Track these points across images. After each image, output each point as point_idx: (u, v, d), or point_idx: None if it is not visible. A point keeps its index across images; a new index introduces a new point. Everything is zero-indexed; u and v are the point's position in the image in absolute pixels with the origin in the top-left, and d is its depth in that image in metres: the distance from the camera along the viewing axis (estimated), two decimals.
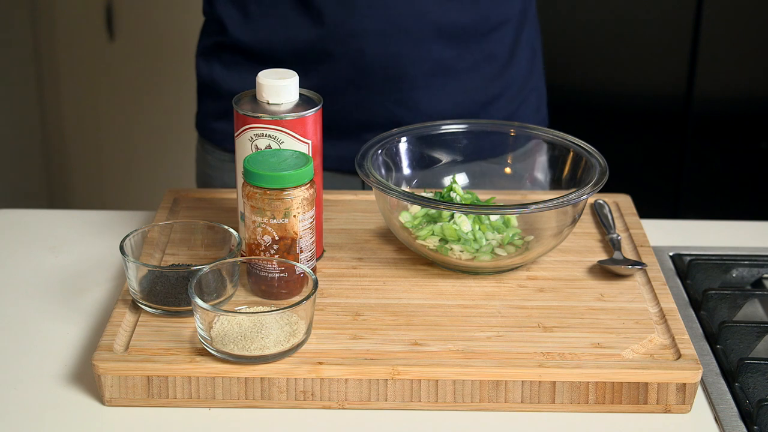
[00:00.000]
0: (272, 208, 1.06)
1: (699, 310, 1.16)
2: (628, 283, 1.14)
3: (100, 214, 1.35)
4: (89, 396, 1.02)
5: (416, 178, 1.27)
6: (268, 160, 1.07)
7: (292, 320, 1.01)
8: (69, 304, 1.15)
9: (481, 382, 1.00)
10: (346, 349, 1.02)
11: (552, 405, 1.00)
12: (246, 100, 1.13)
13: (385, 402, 1.00)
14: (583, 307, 1.10)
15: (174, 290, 1.06)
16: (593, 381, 1.00)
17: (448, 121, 1.27)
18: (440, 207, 1.15)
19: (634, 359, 1.02)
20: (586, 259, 1.19)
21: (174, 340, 1.03)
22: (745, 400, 1.02)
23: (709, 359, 1.08)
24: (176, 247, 1.18)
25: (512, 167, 1.29)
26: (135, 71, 2.89)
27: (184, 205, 1.30)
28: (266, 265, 1.07)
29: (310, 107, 1.12)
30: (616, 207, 1.31)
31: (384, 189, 1.13)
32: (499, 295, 1.12)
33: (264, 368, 0.99)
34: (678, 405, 1.01)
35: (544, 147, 1.26)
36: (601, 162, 1.18)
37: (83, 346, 1.08)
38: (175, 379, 0.99)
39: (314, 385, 1.00)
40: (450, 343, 1.03)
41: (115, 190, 3.01)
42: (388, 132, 1.24)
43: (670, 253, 1.28)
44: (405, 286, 1.13)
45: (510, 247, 1.15)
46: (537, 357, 1.01)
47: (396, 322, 1.07)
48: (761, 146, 2.54)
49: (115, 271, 1.22)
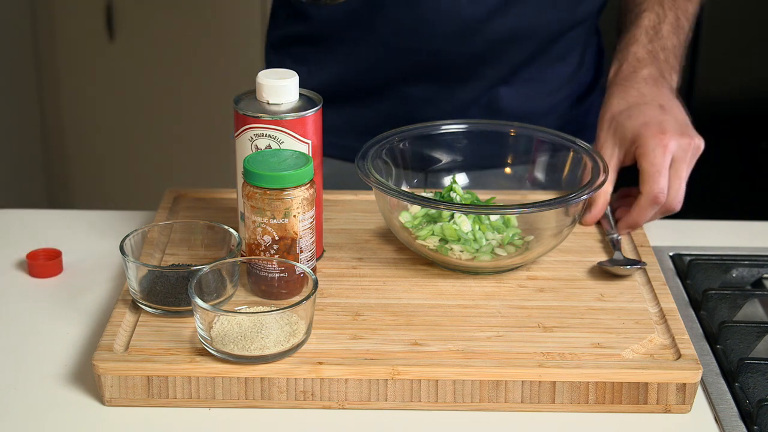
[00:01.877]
0: (272, 208, 1.06)
1: (699, 310, 1.16)
2: (628, 283, 1.14)
3: (100, 214, 1.35)
4: (89, 396, 1.02)
5: (416, 178, 1.27)
6: (268, 160, 1.07)
7: (292, 320, 1.01)
8: (69, 304, 1.15)
9: (481, 382, 1.00)
10: (346, 349, 1.02)
11: (552, 405, 1.00)
12: (246, 100, 1.13)
13: (385, 402, 1.00)
14: (583, 307, 1.10)
15: (174, 290, 1.06)
16: (593, 381, 1.00)
17: (448, 121, 1.27)
18: (440, 207, 1.15)
19: (634, 359, 1.02)
20: (586, 259, 1.19)
21: (174, 340, 1.03)
22: (745, 400, 1.02)
23: (709, 359, 1.08)
24: (176, 247, 1.18)
25: (512, 167, 1.29)
26: (135, 71, 2.89)
27: (184, 205, 1.30)
28: (266, 265, 1.07)
29: (310, 107, 1.12)
30: None
31: (384, 189, 1.13)
32: (499, 295, 1.12)
33: (264, 368, 0.99)
34: (678, 405, 1.01)
35: (544, 147, 1.26)
36: (601, 162, 1.18)
37: (83, 346, 1.08)
38: (175, 379, 0.99)
39: (314, 385, 1.00)
40: (450, 343, 1.03)
41: (115, 190, 3.01)
42: (388, 132, 1.24)
43: (670, 253, 1.28)
44: (405, 286, 1.13)
45: (510, 247, 1.15)
46: (537, 357, 1.01)
47: (396, 322, 1.07)
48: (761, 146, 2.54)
49: (115, 271, 1.22)
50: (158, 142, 2.96)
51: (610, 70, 1.31)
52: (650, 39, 1.30)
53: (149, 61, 2.87)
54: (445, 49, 1.33)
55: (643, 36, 1.30)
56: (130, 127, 2.95)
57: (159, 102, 2.91)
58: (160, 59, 2.87)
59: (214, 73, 2.86)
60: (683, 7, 1.35)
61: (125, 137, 2.96)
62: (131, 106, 2.92)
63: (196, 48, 2.85)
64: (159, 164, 2.97)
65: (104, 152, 2.98)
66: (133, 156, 2.98)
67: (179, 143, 2.95)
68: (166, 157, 2.96)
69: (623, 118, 1.23)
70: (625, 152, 1.23)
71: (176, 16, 2.83)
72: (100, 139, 2.97)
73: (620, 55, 1.31)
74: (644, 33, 1.30)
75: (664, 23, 1.31)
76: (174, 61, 2.87)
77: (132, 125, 2.95)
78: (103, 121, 2.95)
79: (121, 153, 2.98)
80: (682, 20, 1.34)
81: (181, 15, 2.83)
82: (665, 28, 1.31)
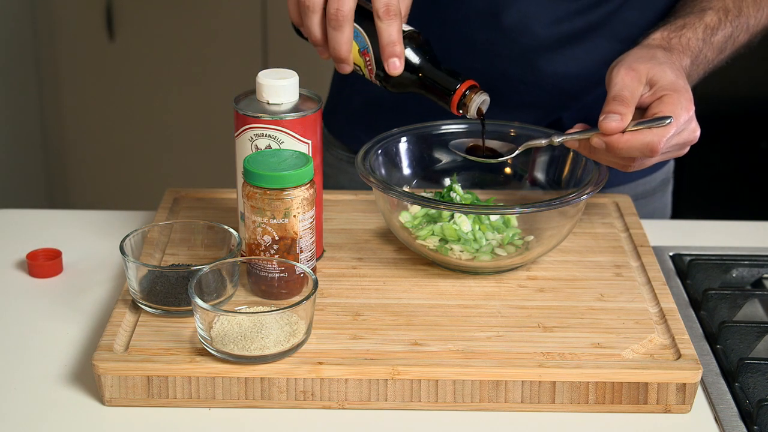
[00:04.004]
0: (272, 208, 1.06)
1: (699, 310, 1.16)
2: (628, 283, 1.14)
3: (100, 214, 1.35)
4: (89, 396, 1.02)
5: (416, 178, 1.27)
6: (268, 160, 1.07)
7: (292, 320, 1.01)
8: (69, 303, 1.15)
9: (481, 382, 1.00)
10: (346, 349, 1.02)
11: (552, 405, 1.00)
12: (246, 100, 1.13)
13: (385, 402, 1.00)
14: (583, 307, 1.10)
15: (174, 290, 1.06)
16: (593, 381, 1.00)
17: (448, 121, 1.26)
18: (440, 207, 1.15)
19: (634, 359, 1.02)
20: (586, 259, 1.19)
21: (174, 340, 1.03)
22: (745, 400, 1.02)
23: (709, 359, 1.08)
24: (176, 247, 1.18)
25: (512, 167, 1.29)
26: (135, 71, 2.89)
27: (184, 205, 1.30)
28: (266, 265, 1.07)
29: (311, 107, 1.12)
30: (616, 207, 1.31)
31: (384, 189, 1.13)
32: (499, 295, 1.12)
33: (264, 368, 0.99)
34: (678, 405, 1.01)
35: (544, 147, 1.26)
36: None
37: (83, 346, 1.08)
38: (175, 379, 0.99)
39: (314, 385, 0.99)
40: (450, 343, 1.03)
41: (115, 190, 3.01)
42: (388, 132, 1.24)
43: (670, 253, 1.28)
44: (405, 286, 1.13)
45: (510, 247, 1.15)
46: (537, 357, 1.01)
47: (396, 322, 1.07)
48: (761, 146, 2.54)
49: (115, 271, 1.22)
50: (158, 142, 2.96)
51: (656, 32, 1.24)
52: (705, 39, 1.26)
53: (149, 61, 2.87)
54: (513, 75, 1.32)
55: (701, 31, 1.26)
56: (130, 127, 2.95)
57: (159, 102, 2.91)
58: (160, 59, 2.87)
59: (214, 73, 2.86)
60: (740, 25, 1.31)
61: (125, 137, 2.96)
62: (131, 106, 2.92)
63: (196, 48, 2.85)
64: (159, 164, 2.97)
65: (104, 152, 2.98)
66: (133, 156, 2.98)
67: (179, 143, 2.95)
68: (166, 157, 2.96)
69: (653, 65, 1.16)
70: (645, 85, 1.15)
71: (176, 16, 2.83)
72: (100, 139, 2.97)
73: (672, 28, 1.24)
74: (703, 29, 1.26)
75: (719, 32, 1.28)
76: (174, 61, 2.87)
77: (132, 125, 2.94)
78: (103, 121, 2.95)
79: (121, 153, 2.98)
80: (728, 44, 1.31)
81: (181, 15, 2.83)
82: (718, 37, 1.28)
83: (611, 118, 1.10)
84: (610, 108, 1.11)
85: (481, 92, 1.13)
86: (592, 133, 1.12)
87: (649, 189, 1.47)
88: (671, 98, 1.11)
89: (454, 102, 1.12)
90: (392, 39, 1.09)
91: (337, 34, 1.08)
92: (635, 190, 1.44)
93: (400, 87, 1.14)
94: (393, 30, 1.09)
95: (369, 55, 1.12)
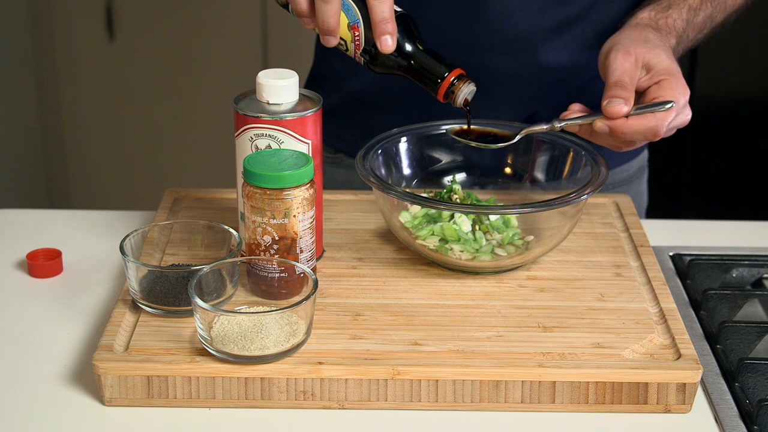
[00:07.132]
0: (272, 208, 1.06)
1: (699, 310, 1.16)
2: (628, 283, 1.14)
3: (100, 214, 1.35)
4: (89, 396, 1.02)
5: (416, 178, 1.27)
6: (268, 160, 1.07)
7: (292, 320, 1.01)
8: (69, 304, 1.15)
9: (481, 382, 1.00)
10: (346, 349, 1.02)
11: (552, 405, 1.00)
12: (246, 100, 1.13)
13: (385, 402, 1.00)
14: (583, 307, 1.10)
15: (174, 290, 1.06)
16: (593, 381, 1.00)
17: (448, 121, 1.26)
18: (440, 207, 1.15)
19: (634, 359, 1.02)
20: (586, 259, 1.19)
21: (174, 340, 1.03)
22: (745, 400, 1.02)
23: (709, 359, 1.08)
24: (176, 247, 1.18)
25: (512, 167, 1.29)
26: (135, 71, 2.89)
27: (184, 205, 1.30)
28: (266, 265, 1.07)
29: (311, 107, 1.12)
30: (616, 207, 1.31)
31: (384, 189, 1.13)
32: (499, 295, 1.12)
33: (264, 368, 0.99)
34: (678, 405, 1.01)
35: (544, 147, 1.26)
36: (601, 162, 1.18)
37: (83, 346, 1.08)
38: (175, 379, 0.99)
39: (314, 385, 1.00)
40: (450, 343, 1.03)
41: (115, 190, 3.01)
42: (388, 132, 1.24)
43: (670, 253, 1.28)
44: (405, 286, 1.13)
45: (510, 247, 1.15)
46: (537, 357, 1.01)
47: (396, 322, 1.07)
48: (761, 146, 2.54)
49: (115, 271, 1.22)
50: (158, 142, 2.96)
51: (643, 11, 1.24)
52: (688, 20, 1.26)
53: (149, 61, 2.87)
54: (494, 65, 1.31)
55: (685, 11, 1.26)
56: (130, 127, 2.95)
57: (159, 102, 2.91)
58: (160, 59, 2.87)
59: (214, 73, 2.86)
60: (719, 5, 1.30)
61: (125, 137, 2.96)
62: (131, 107, 2.92)
63: (196, 48, 2.85)
64: (159, 164, 2.97)
65: (104, 152, 2.98)
66: (133, 156, 2.98)
67: (179, 143, 2.95)
68: (166, 157, 2.96)
69: (648, 49, 1.16)
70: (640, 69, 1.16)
71: (176, 16, 2.83)
72: (101, 139, 2.97)
73: (659, 8, 1.25)
74: (687, 10, 1.26)
75: (701, 12, 1.28)
76: (174, 62, 2.87)
77: (132, 125, 2.95)
78: (103, 121, 2.95)
79: (121, 153, 2.98)
80: (707, 23, 1.31)
81: (181, 15, 2.83)
82: (700, 18, 1.28)
83: (616, 102, 1.11)
84: (613, 93, 1.12)
85: (469, 82, 1.12)
86: (594, 118, 1.13)
87: (626, 177, 1.48)
88: (669, 83, 1.13)
89: (441, 90, 1.11)
90: (384, 16, 1.08)
91: (326, 5, 1.06)
92: (612, 178, 1.44)
93: (385, 68, 1.11)
94: (385, 6, 1.08)
95: (359, 30, 1.09)
